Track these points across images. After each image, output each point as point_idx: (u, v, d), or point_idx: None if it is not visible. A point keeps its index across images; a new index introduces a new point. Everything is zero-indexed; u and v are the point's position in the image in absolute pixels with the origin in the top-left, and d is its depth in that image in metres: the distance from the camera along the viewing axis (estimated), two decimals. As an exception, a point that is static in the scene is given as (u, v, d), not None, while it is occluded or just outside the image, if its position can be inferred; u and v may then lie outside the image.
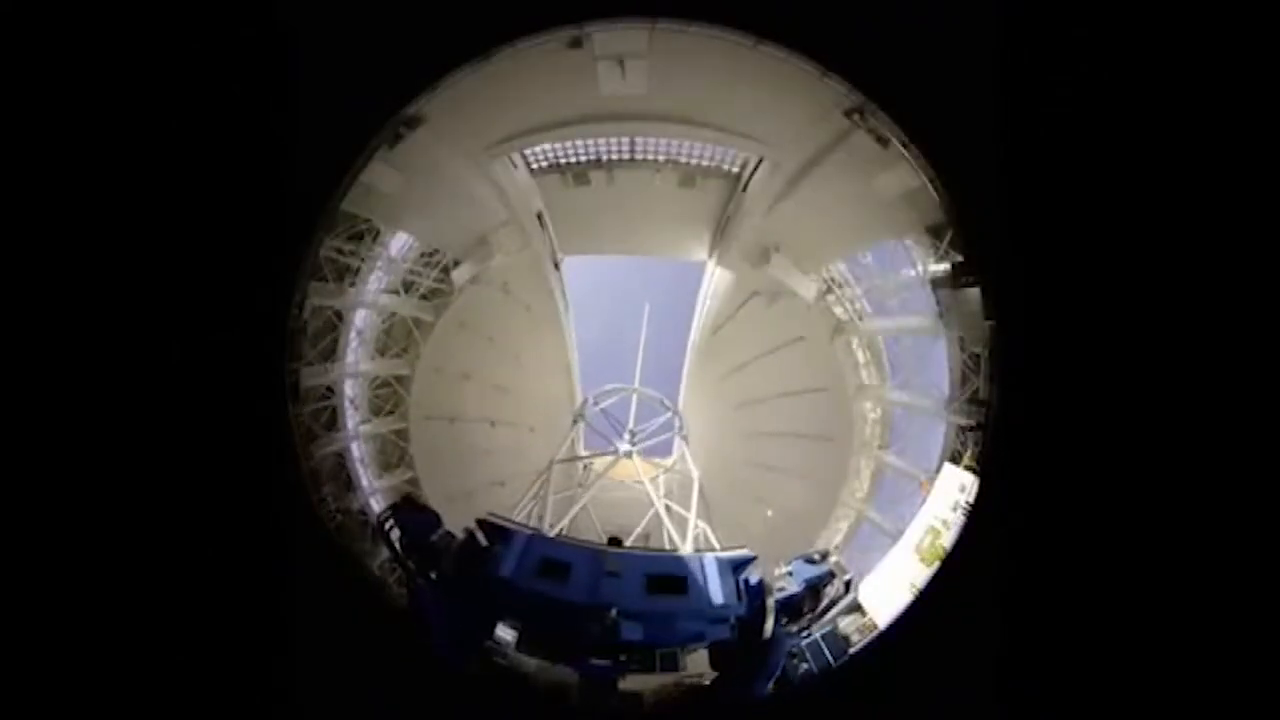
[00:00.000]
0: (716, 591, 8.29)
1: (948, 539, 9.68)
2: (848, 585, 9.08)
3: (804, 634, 9.02)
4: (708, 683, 8.59)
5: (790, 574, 9.14)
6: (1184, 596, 4.57)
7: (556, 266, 15.31)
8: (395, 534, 9.05)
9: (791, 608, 8.86)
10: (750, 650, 8.26)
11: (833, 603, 9.00)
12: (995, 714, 4.97)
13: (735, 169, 12.60)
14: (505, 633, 9.10)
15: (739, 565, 8.62)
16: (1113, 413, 4.80)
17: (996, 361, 5.91)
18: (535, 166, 12.81)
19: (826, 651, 9.65)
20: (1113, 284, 4.80)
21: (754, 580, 8.42)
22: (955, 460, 11.14)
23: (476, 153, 11.41)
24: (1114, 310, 4.81)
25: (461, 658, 7.93)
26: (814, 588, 8.92)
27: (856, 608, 10.81)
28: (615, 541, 9.86)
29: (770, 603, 8.27)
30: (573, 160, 12.71)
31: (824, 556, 9.15)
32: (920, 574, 10.12)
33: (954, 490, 10.45)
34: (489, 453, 17.13)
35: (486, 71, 6.21)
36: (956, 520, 9.78)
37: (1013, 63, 4.90)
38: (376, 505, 14.16)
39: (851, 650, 9.56)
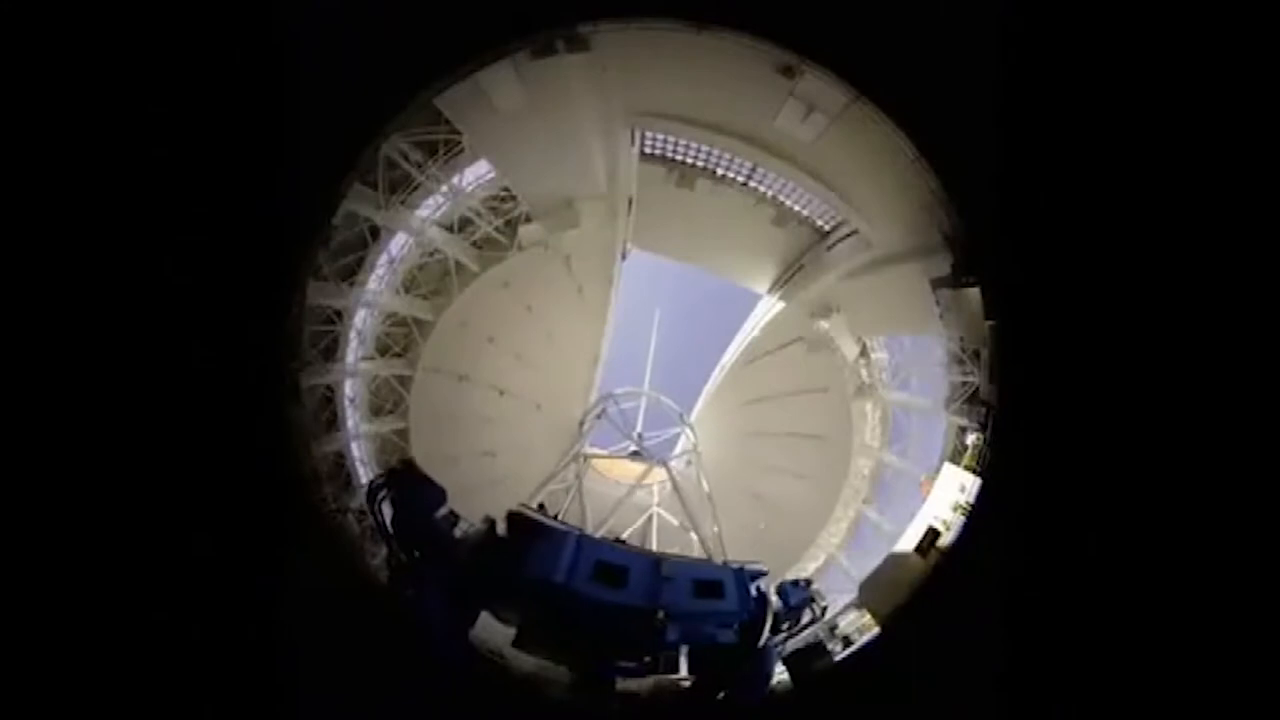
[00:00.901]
0: (742, 598, 8.72)
1: (948, 539, 9.74)
2: (823, 610, 10.31)
3: (778, 647, 9.67)
4: (705, 684, 8.63)
5: (780, 593, 10.07)
6: (1184, 595, 4.57)
7: (623, 256, 14.61)
8: (388, 506, 7.99)
9: (775, 621, 9.59)
10: (749, 654, 8.58)
11: (810, 622, 10.06)
12: (995, 714, 4.97)
13: (828, 227, 12.72)
14: (504, 632, 8.97)
15: (754, 576, 9.31)
16: (1112, 412, 4.80)
17: (996, 361, 5.92)
18: (648, 151, 11.92)
19: (825, 652, 10.01)
20: (1112, 284, 4.80)
21: (761, 590, 9.08)
22: (954, 461, 11.22)
23: (617, 111, 10.46)
24: (1114, 310, 4.81)
25: (462, 656, 7.83)
26: (797, 607, 9.88)
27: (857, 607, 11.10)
28: (619, 542, 9.92)
29: (770, 612, 8.87)
30: (689, 161, 12.07)
31: (808, 583, 10.49)
32: (920, 574, 10.18)
33: (954, 490, 10.49)
34: (489, 420, 16.47)
35: (684, 39, 5.98)
36: (956, 520, 9.87)
37: (1013, 63, 4.90)
38: (357, 451, 13.07)
39: (851, 650, 10.01)
